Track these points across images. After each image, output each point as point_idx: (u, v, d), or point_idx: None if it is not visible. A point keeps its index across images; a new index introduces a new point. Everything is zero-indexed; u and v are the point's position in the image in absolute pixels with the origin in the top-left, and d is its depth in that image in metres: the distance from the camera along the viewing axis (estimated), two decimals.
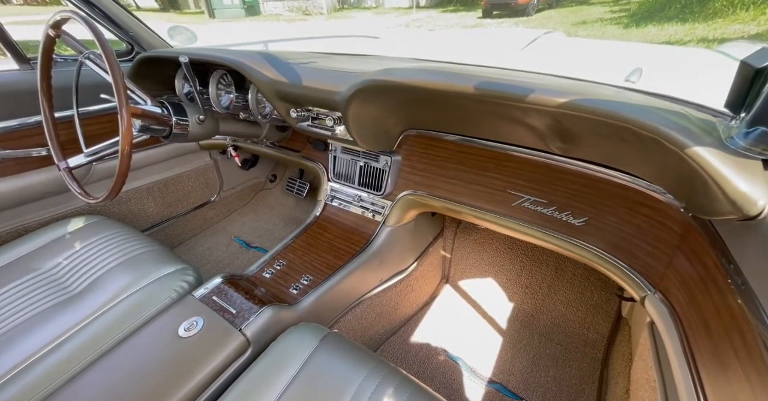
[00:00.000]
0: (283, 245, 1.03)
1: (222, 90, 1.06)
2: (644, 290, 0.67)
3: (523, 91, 0.53)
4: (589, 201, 0.73)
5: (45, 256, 0.88)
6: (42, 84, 0.80)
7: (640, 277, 0.68)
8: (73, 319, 0.72)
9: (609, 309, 1.08)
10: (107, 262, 0.87)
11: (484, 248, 1.30)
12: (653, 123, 0.46)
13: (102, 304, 0.76)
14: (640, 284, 0.68)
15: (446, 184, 0.92)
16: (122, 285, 0.80)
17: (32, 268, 0.84)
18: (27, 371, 0.63)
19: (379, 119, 0.83)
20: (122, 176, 0.68)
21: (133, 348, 0.65)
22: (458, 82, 0.59)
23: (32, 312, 0.75)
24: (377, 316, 1.07)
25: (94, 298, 0.78)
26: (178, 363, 0.63)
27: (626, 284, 0.70)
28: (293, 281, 0.91)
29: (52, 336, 0.69)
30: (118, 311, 0.74)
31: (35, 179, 1.02)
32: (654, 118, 0.47)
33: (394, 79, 0.65)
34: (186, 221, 1.49)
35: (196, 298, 0.76)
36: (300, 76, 0.84)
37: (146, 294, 0.78)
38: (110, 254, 0.89)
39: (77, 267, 0.86)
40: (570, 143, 0.64)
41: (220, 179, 1.58)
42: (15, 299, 0.77)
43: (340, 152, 1.11)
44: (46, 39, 0.75)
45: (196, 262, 1.42)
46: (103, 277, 0.83)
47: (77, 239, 0.92)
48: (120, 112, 0.63)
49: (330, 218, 1.13)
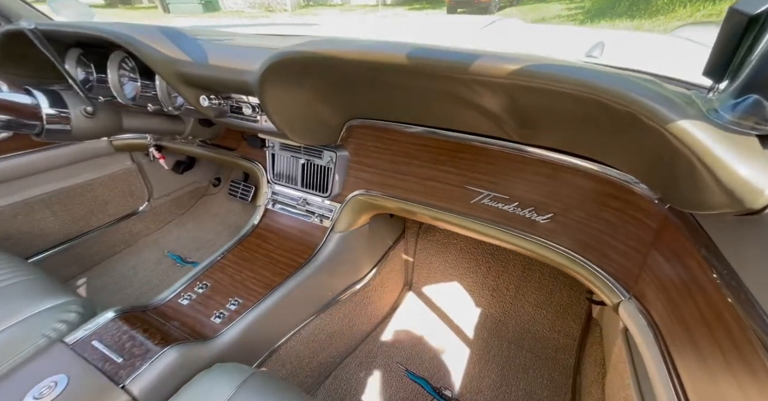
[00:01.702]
0: (209, 262, 0.86)
1: (126, 76, 0.87)
2: (618, 295, 0.58)
3: (465, 58, 0.41)
4: (554, 194, 0.64)
5: None
6: None
7: (612, 281, 0.59)
8: None
9: (579, 309, 1.01)
10: None
11: (447, 249, 1.19)
12: (628, 92, 0.36)
13: None
14: (613, 289, 0.59)
15: (399, 181, 0.80)
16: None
17: None
18: None
19: (308, 105, 0.68)
20: None
21: None
22: (385, 51, 0.46)
23: None
24: (328, 337, 0.92)
25: None
26: None
27: (598, 289, 0.61)
28: (217, 308, 0.74)
29: None
30: None
31: None
32: (628, 86, 0.36)
33: (309, 50, 0.51)
34: (104, 236, 1.26)
35: (68, 346, 0.58)
36: (206, 54, 0.68)
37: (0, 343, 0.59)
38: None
39: None
40: (529, 127, 0.53)
41: (148, 186, 1.36)
42: None
43: (279, 149, 0.96)
44: None
45: (116, 285, 1.20)
46: None
47: None
48: None
49: (271, 226, 0.98)
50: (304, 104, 0.67)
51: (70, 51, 0.89)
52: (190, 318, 0.72)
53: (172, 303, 0.75)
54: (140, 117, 0.89)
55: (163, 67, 0.68)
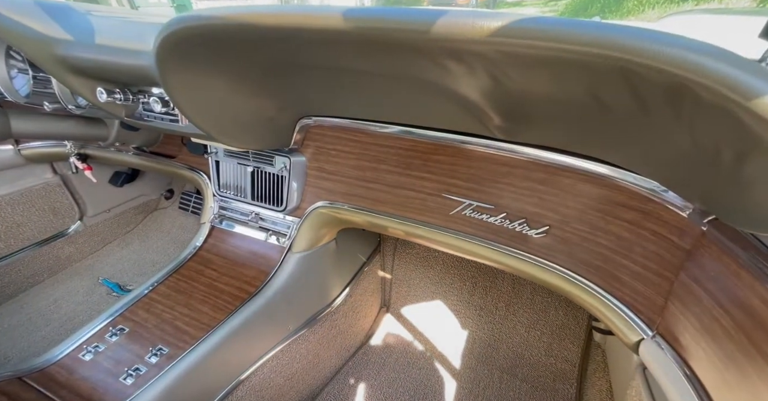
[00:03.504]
0: (133, 297, 0.69)
1: (16, 67, 0.69)
2: (638, 333, 0.46)
3: (424, 16, 0.28)
4: (549, 203, 0.53)
5: None
6: None
7: (629, 313, 0.47)
8: None
9: (576, 329, 0.90)
10: None
11: (429, 264, 1.06)
12: (680, 49, 0.22)
13: None
14: (630, 325, 0.47)
15: (366, 190, 0.67)
16: None
17: None
18: None
19: (238, 98, 0.53)
20: None
21: None
22: (312, 14, 0.32)
23: None
24: (287, 381, 0.77)
25: None
26: None
27: (611, 323, 0.49)
28: (131, 364, 0.57)
29: None
30: None
31: None
32: (678, 42, 0.23)
33: (212, 16, 0.36)
34: (18, 265, 1.05)
35: None
36: (94, 32, 0.51)
37: None
38: None
39: None
40: (517, 120, 0.41)
41: (79, 202, 1.16)
42: None
43: (223, 155, 0.80)
44: None
45: (33, 323, 0.99)
46: None
47: None
48: None
49: (217, 247, 0.81)
50: (231, 96, 0.52)
51: None
52: (89, 382, 0.54)
53: (69, 359, 0.58)
54: (38, 119, 0.71)
55: (37, 50, 0.51)
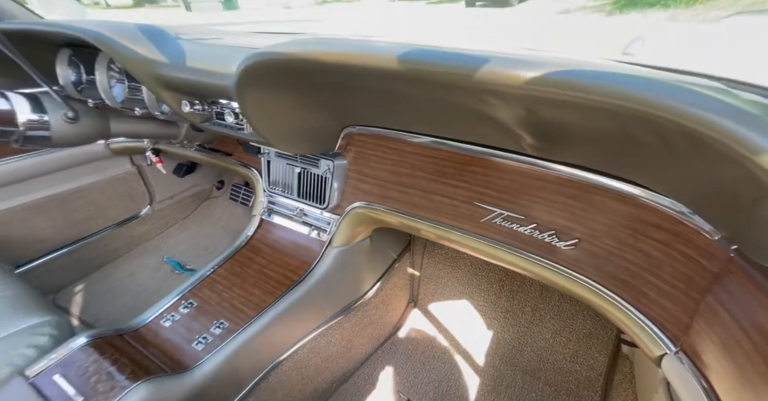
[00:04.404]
0: (197, 278, 0.80)
1: (115, 78, 0.82)
2: (661, 347, 0.47)
3: (469, 62, 0.32)
4: (579, 218, 0.54)
5: None
6: None
7: (654, 328, 0.49)
8: None
9: (605, 338, 0.90)
10: None
11: (457, 264, 1.10)
12: (690, 107, 0.25)
13: None
14: (654, 339, 0.48)
15: (402, 194, 0.72)
16: None
17: None
18: None
19: (297, 112, 0.60)
20: None
21: None
22: (371, 54, 0.37)
23: None
24: (323, 361, 0.85)
25: None
26: None
27: (635, 336, 0.51)
28: (200, 332, 0.68)
29: None
30: None
31: None
32: (690, 98, 0.26)
33: (285, 52, 0.42)
34: (103, 241, 1.24)
35: (27, 381, 0.53)
36: (185, 55, 0.61)
37: None
38: None
39: None
40: (550, 141, 0.44)
41: (149, 190, 1.33)
42: None
43: (274, 156, 0.89)
44: None
45: (110, 294, 1.17)
46: None
47: None
48: None
49: (265, 238, 0.91)
50: (292, 111, 0.60)
51: (62, 51, 0.84)
52: (170, 343, 0.66)
53: (153, 324, 0.70)
54: (130, 121, 0.84)
55: (139, 69, 0.61)
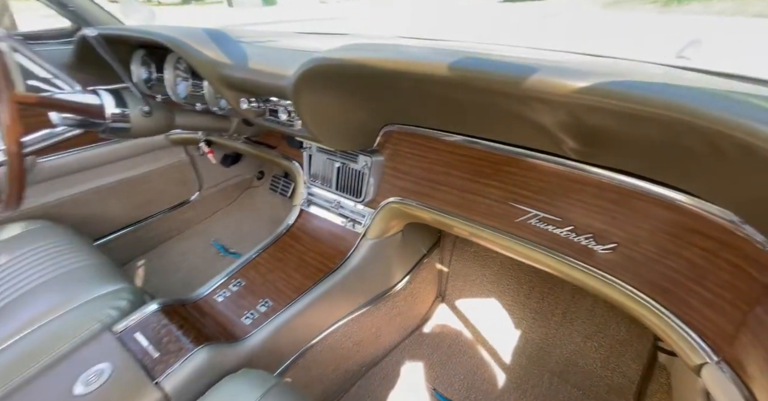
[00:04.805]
0: (245, 260, 0.88)
1: (180, 76, 0.91)
2: (701, 356, 0.47)
3: (518, 71, 0.34)
4: (619, 222, 0.54)
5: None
6: None
7: (695, 337, 0.48)
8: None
9: (640, 347, 0.87)
10: (31, 279, 0.75)
11: (487, 263, 1.10)
12: (750, 122, 0.26)
13: (8, 335, 0.63)
14: (694, 347, 0.48)
15: (436, 191, 0.74)
16: (36, 312, 0.67)
17: None
18: None
19: (343, 111, 0.65)
20: (16, 181, 0.54)
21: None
22: (424, 61, 0.40)
23: None
24: (354, 345, 0.91)
25: (5, 325, 0.65)
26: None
27: (672, 342, 0.50)
28: (248, 308, 0.76)
29: None
30: (18, 350, 0.62)
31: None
32: (748, 111, 0.26)
33: (342, 58, 0.46)
34: (160, 223, 1.37)
35: (114, 335, 0.62)
36: (247, 57, 0.67)
37: (59, 326, 0.65)
38: (39, 269, 0.77)
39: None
40: (593, 146, 0.44)
41: (199, 177, 1.45)
42: None
43: (316, 151, 0.95)
44: None
45: (167, 269, 1.30)
46: (20, 299, 0.71)
47: (6, 250, 0.81)
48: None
49: (305, 227, 0.98)
50: (339, 110, 0.64)
51: (136, 52, 0.95)
52: (223, 316, 0.74)
53: (208, 298, 0.78)
54: (190, 115, 0.92)
55: (206, 70, 0.68)
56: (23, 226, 0.89)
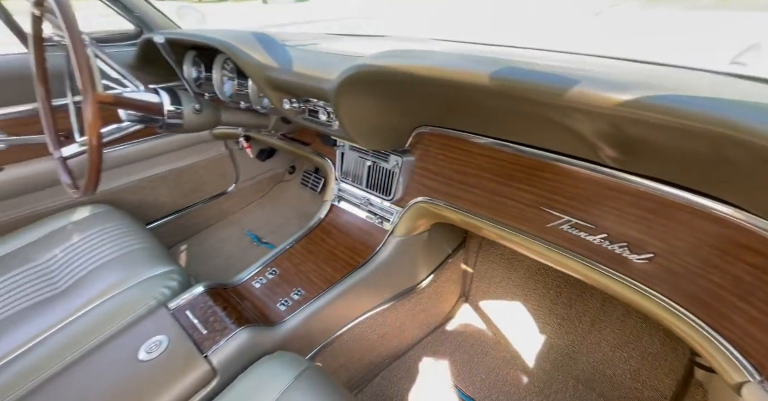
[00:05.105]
0: (279, 250, 0.94)
1: (226, 76, 0.97)
2: (742, 374, 0.45)
3: (559, 82, 0.34)
4: (657, 232, 0.52)
5: (44, 246, 0.87)
6: (37, 69, 0.76)
7: (736, 353, 0.46)
8: (48, 321, 0.70)
9: (675, 362, 0.84)
10: (98, 258, 0.84)
11: (513, 266, 1.10)
12: None
13: (78, 307, 0.72)
14: (735, 364, 0.46)
15: (465, 193, 0.75)
16: (103, 287, 0.76)
17: (30, 259, 0.84)
18: None
19: (380, 114, 0.67)
20: (95, 171, 0.61)
21: (90, 368, 0.60)
22: (466, 70, 0.41)
23: (17, 307, 0.74)
24: (379, 338, 0.94)
25: (74, 299, 0.75)
26: (132, 394, 0.56)
27: (711, 358, 0.49)
28: (283, 296, 0.81)
29: (21, 340, 0.66)
30: (90, 319, 0.70)
31: (47, 165, 1.02)
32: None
33: (384, 65, 0.48)
34: (201, 211, 1.48)
35: (169, 311, 0.69)
36: (292, 61, 0.71)
37: (122, 301, 0.73)
38: (103, 249, 0.87)
39: (69, 261, 0.84)
40: (633, 155, 0.43)
41: (237, 170, 1.54)
42: (5, 292, 0.76)
43: (348, 149, 0.98)
44: (32, 19, 0.70)
45: (206, 255, 1.40)
46: (89, 275, 0.81)
47: (77, 231, 0.91)
48: (84, 99, 0.55)
49: (335, 221, 1.02)
50: (375, 113, 0.66)
51: (188, 53, 1.02)
52: (260, 301, 0.79)
53: (247, 284, 0.84)
54: (235, 112, 0.99)
55: (254, 72, 0.73)
56: (90, 209, 1.00)
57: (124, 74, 0.73)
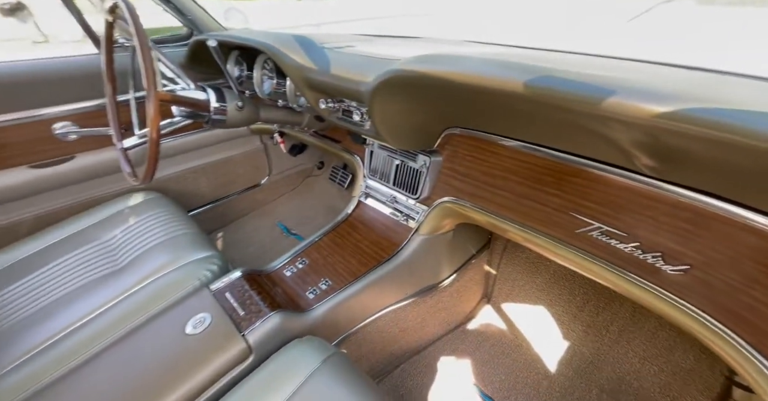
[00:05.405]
0: (309, 242, 0.99)
1: (266, 75, 1.03)
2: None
3: (596, 92, 0.34)
4: (694, 244, 0.50)
5: (106, 227, 0.98)
6: (106, 68, 0.85)
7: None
8: (110, 294, 0.79)
9: (711, 379, 0.80)
10: (150, 240, 0.93)
11: (538, 270, 1.08)
12: None
13: (134, 283, 0.81)
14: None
15: (492, 195, 0.75)
16: (155, 266, 0.85)
17: (95, 237, 0.95)
18: (56, 345, 0.69)
19: (412, 115, 0.69)
20: (153, 161, 0.68)
21: (143, 339, 0.67)
22: (500, 77, 0.42)
23: (83, 281, 0.84)
24: (400, 331, 0.97)
25: (130, 276, 0.84)
26: (179, 363, 0.63)
27: (750, 378, 0.47)
28: (312, 284, 0.86)
29: (88, 309, 0.76)
30: (144, 294, 0.78)
31: (112, 155, 1.14)
32: None
33: (420, 70, 0.50)
34: (236, 201, 1.57)
35: (211, 292, 0.76)
36: (330, 63, 0.74)
37: (170, 280, 0.81)
38: (155, 232, 0.96)
39: (127, 242, 0.94)
40: (671, 164, 0.42)
41: (269, 164, 1.62)
42: (74, 266, 0.87)
43: (377, 147, 1.01)
44: (105, 24, 0.79)
45: (240, 243, 1.49)
46: (143, 255, 0.90)
47: (133, 214, 1.01)
48: (147, 98, 0.62)
49: (362, 217, 1.05)
50: (407, 114, 0.68)
51: (232, 53, 1.09)
52: (291, 289, 0.85)
53: (279, 272, 0.90)
54: (272, 110, 1.04)
55: (294, 73, 0.77)
56: (143, 196, 1.10)
57: (178, 73, 0.79)
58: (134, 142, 0.89)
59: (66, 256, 0.89)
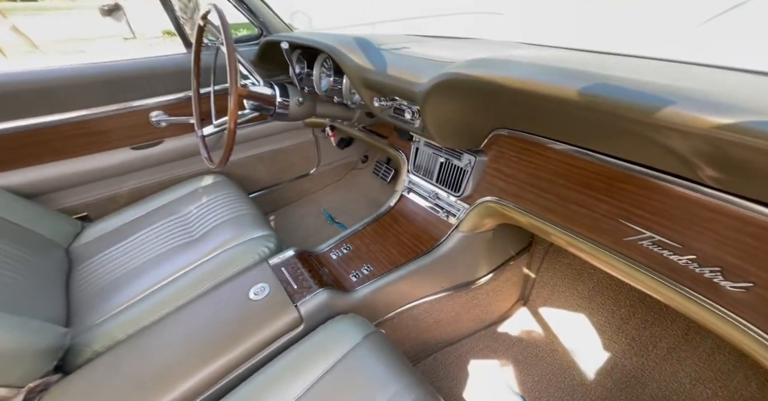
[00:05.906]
0: (353, 230, 1.06)
1: (324, 73, 1.11)
2: None
3: (653, 101, 0.34)
4: (760, 261, 0.47)
5: (184, 203, 1.15)
6: (194, 65, 0.99)
7: None
8: (188, 259, 0.93)
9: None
10: (219, 217, 1.07)
11: (581, 278, 1.05)
12: None
13: (207, 253, 0.94)
14: None
15: (537, 197, 0.75)
16: (223, 240, 0.97)
17: (175, 211, 1.12)
18: (146, 299, 0.84)
19: (462, 115, 0.71)
20: (229, 149, 0.79)
21: (215, 301, 0.79)
22: (554, 84, 0.43)
23: (166, 247, 0.99)
24: (434, 322, 1.01)
25: (204, 246, 0.97)
26: (243, 322, 0.73)
27: None
28: (355, 268, 0.93)
29: (171, 271, 0.90)
30: (214, 263, 0.91)
31: (191, 140, 1.31)
32: None
33: (473, 74, 0.52)
34: (287, 188, 1.71)
35: (269, 266, 0.86)
36: (386, 64, 0.79)
37: (236, 253, 0.93)
38: (223, 210, 1.09)
39: (200, 217, 1.09)
40: (738, 176, 0.40)
41: (319, 155, 1.72)
42: (159, 234, 1.03)
43: (423, 145, 1.04)
44: (197, 28, 0.91)
45: (290, 227, 1.63)
46: (213, 229, 1.03)
47: (205, 194, 1.17)
48: (230, 94, 0.72)
49: (403, 210, 1.10)
50: (457, 115, 0.71)
51: (294, 52, 1.19)
52: (336, 270, 0.93)
53: (326, 254, 0.99)
54: (327, 106, 1.12)
55: (352, 72, 0.83)
56: (213, 178, 1.26)
57: (250, 71, 0.89)
58: (211, 130, 1.02)
59: (153, 226, 1.06)
